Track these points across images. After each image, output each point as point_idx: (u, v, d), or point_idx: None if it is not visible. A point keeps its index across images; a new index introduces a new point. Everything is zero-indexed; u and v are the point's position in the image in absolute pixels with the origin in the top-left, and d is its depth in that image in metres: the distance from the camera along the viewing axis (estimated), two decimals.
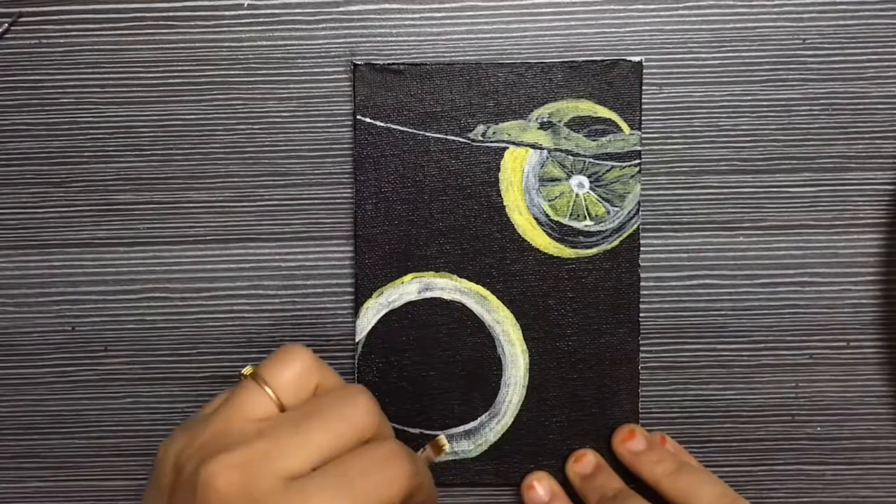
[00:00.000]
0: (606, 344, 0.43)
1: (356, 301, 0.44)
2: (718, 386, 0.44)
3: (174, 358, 0.44)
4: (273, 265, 0.44)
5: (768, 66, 0.43)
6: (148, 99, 0.43)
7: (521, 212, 0.43)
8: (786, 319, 0.44)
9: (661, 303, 0.44)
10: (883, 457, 0.44)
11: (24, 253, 0.44)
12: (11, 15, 0.43)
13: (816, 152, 0.43)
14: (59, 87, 0.43)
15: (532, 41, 0.43)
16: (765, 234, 0.44)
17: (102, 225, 0.44)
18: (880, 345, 0.44)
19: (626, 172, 0.43)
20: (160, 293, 0.44)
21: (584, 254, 0.43)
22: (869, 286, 0.44)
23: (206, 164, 0.44)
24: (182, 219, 0.44)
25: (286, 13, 0.43)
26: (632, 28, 0.43)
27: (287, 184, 0.44)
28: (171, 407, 0.45)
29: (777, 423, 0.44)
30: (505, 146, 0.43)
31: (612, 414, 0.43)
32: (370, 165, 0.43)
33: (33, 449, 0.45)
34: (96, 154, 0.44)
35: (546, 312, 0.43)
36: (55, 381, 0.45)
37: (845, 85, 0.43)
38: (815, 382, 0.44)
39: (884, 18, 0.43)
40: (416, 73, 0.43)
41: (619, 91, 0.43)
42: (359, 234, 0.43)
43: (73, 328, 0.44)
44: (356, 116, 0.43)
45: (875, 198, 0.43)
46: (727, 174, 0.43)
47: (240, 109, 0.43)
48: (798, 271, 0.44)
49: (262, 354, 0.44)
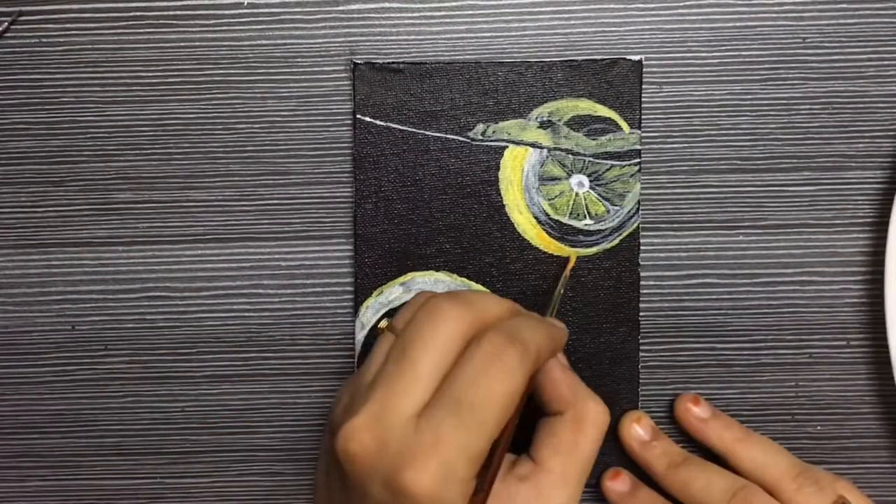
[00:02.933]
0: (606, 343, 0.43)
1: (356, 300, 0.44)
2: (718, 385, 0.44)
3: (174, 357, 0.44)
4: (273, 264, 0.44)
5: (768, 64, 0.43)
6: (148, 98, 0.43)
7: (520, 211, 0.43)
8: (786, 318, 0.44)
9: (661, 302, 0.44)
10: (883, 457, 0.44)
11: (23, 252, 0.44)
12: (11, 14, 0.43)
13: (816, 151, 0.43)
14: (59, 86, 0.43)
15: (532, 40, 0.43)
16: (765, 233, 0.44)
17: (102, 224, 0.44)
18: (880, 344, 0.44)
19: (626, 171, 0.43)
20: (160, 292, 0.44)
21: (584, 253, 0.43)
22: (869, 286, 0.44)
23: (205, 163, 0.44)
24: (182, 218, 0.44)
25: (286, 12, 0.43)
26: (632, 27, 0.43)
27: (287, 183, 0.44)
28: (171, 406, 0.45)
29: (777, 423, 0.44)
30: (505, 145, 0.43)
31: (612, 413, 0.43)
32: (370, 164, 0.43)
33: (33, 449, 0.45)
34: (96, 153, 0.44)
35: (545, 312, 0.43)
36: (55, 381, 0.45)
37: (845, 84, 0.43)
38: (815, 382, 0.44)
39: (884, 18, 0.43)
40: (415, 72, 0.43)
41: (618, 90, 0.43)
42: (358, 234, 0.43)
43: (72, 327, 0.44)
44: (356, 115, 0.43)
45: (875, 197, 0.43)
46: (727, 173, 0.43)
47: (239, 108, 0.43)
48: (798, 270, 0.44)
49: (261, 353, 0.44)
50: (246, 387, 0.44)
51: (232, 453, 0.45)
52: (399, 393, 0.32)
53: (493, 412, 0.32)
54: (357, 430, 0.32)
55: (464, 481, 0.32)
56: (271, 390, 0.44)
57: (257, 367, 0.44)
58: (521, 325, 0.34)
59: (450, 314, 0.34)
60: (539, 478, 0.35)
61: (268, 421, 0.45)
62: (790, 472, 0.40)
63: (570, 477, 0.36)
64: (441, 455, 0.31)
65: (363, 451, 0.32)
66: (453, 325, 0.34)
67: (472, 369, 0.32)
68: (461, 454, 0.32)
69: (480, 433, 0.32)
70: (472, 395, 0.32)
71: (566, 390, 0.37)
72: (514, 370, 0.33)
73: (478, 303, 0.35)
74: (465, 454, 0.32)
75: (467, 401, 0.32)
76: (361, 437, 0.32)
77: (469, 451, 0.32)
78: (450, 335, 0.33)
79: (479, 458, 0.32)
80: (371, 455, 0.32)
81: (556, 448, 0.36)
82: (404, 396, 0.32)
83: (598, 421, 0.37)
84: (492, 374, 0.32)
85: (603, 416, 0.37)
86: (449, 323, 0.34)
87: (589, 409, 0.37)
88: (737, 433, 0.42)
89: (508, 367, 0.32)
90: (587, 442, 0.36)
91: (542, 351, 0.34)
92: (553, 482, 0.35)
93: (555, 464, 0.36)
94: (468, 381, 0.32)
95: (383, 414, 0.32)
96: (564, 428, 0.36)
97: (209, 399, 0.44)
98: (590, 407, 0.37)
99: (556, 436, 0.36)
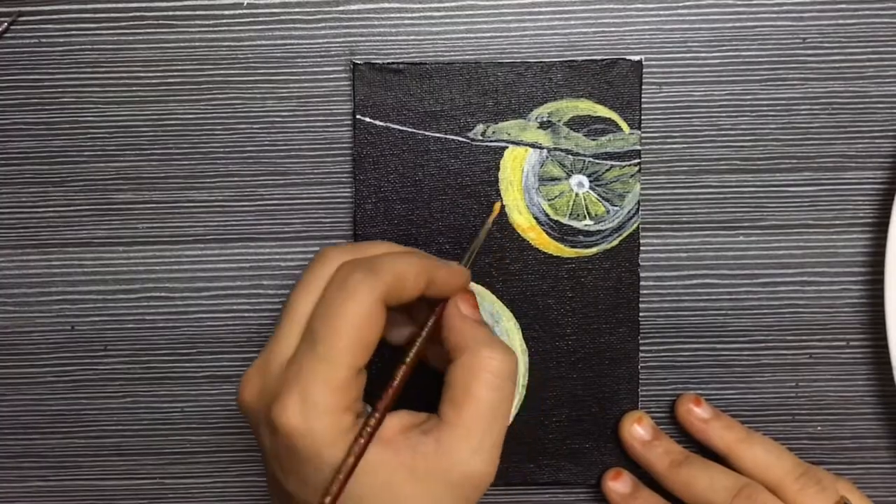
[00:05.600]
0: (606, 343, 0.43)
1: None
2: (718, 385, 0.44)
3: (174, 357, 0.44)
4: (273, 264, 0.44)
5: (768, 65, 0.43)
6: (148, 98, 0.43)
7: (520, 211, 0.43)
8: (786, 319, 0.44)
9: (661, 302, 0.44)
10: (883, 457, 0.44)
11: (23, 253, 0.44)
12: (11, 14, 0.43)
13: (816, 152, 0.43)
14: (59, 86, 0.43)
15: (532, 40, 0.43)
16: (765, 233, 0.44)
17: (102, 224, 0.44)
18: (880, 345, 0.44)
19: (626, 172, 0.43)
20: (160, 293, 0.44)
21: (584, 253, 0.43)
22: (869, 286, 0.44)
23: (205, 163, 0.44)
24: (182, 218, 0.44)
25: (286, 12, 0.43)
26: (631, 27, 0.43)
27: (287, 183, 0.44)
28: (171, 406, 0.45)
29: (777, 423, 0.44)
30: (504, 145, 0.43)
31: (611, 413, 0.43)
32: (370, 165, 0.43)
33: (33, 449, 0.45)
34: (96, 153, 0.44)
35: (545, 312, 0.43)
36: (55, 381, 0.45)
37: (845, 84, 0.43)
38: (815, 382, 0.44)
39: (884, 18, 0.43)
40: (415, 72, 0.43)
41: (618, 90, 0.43)
42: (358, 234, 0.43)
43: (72, 328, 0.44)
44: (356, 116, 0.43)
45: (875, 197, 0.43)
46: (727, 174, 0.43)
47: (239, 109, 0.43)
48: (798, 271, 0.44)
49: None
50: None
51: (232, 453, 0.45)
52: (279, 338, 0.34)
53: (343, 337, 0.32)
54: (247, 379, 0.34)
55: (330, 413, 0.32)
56: None
57: None
58: (383, 258, 0.34)
59: (328, 258, 0.34)
60: (440, 431, 0.33)
61: None
62: (793, 473, 0.40)
63: (471, 429, 0.33)
64: (300, 386, 0.32)
65: (250, 397, 0.34)
66: (327, 268, 0.34)
67: (323, 301, 0.33)
68: (319, 383, 0.32)
69: (333, 360, 0.32)
70: (322, 323, 0.32)
71: (458, 337, 0.35)
72: (356, 292, 0.32)
73: (363, 247, 0.35)
74: (323, 382, 0.32)
75: (317, 330, 0.32)
76: (250, 385, 0.34)
77: (326, 379, 0.32)
78: (321, 277, 0.34)
79: (339, 387, 0.32)
80: (255, 399, 0.33)
81: (450, 398, 0.34)
82: (282, 341, 0.34)
83: (492, 367, 0.33)
84: (338, 300, 0.32)
85: (497, 363, 0.33)
86: (324, 266, 0.34)
87: (481, 355, 0.34)
88: (738, 433, 0.42)
89: (350, 290, 0.32)
90: (482, 389, 0.33)
91: (403, 279, 0.34)
92: (452, 434, 0.33)
93: (452, 415, 0.33)
94: (318, 313, 0.33)
95: (266, 361, 0.34)
96: (457, 376, 0.34)
97: (208, 399, 0.44)
98: (482, 352, 0.34)
99: (450, 386, 0.34)
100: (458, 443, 0.33)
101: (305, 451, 0.32)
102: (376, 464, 0.32)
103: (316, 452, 0.32)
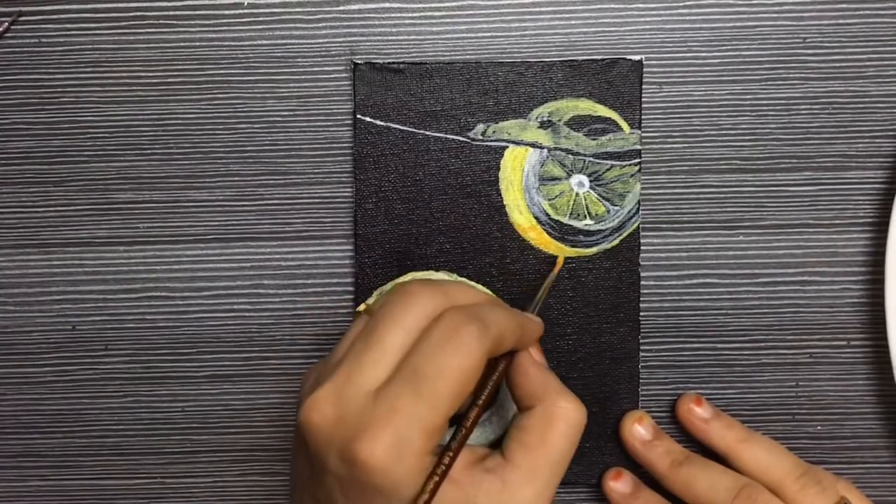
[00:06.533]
0: (606, 343, 0.43)
1: (356, 300, 0.44)
2: (718, 385, 0.44)
3: (174, 357, 0.44)
4: (273, 264, 0.44)
5: (768, 64, 0.43)
6: (148, 98, 0.43)
7: (521, 211, 0.43)
8: (786, 318, 0.44)
9: (662, 302, 0.44)
10: (883, 457, 0.44)
11: (24, 252, 0.44)
12: (11, 14, 0.43)
13: (816, 151, 0.43)
14: (59, 86, 0.43)
15: (532, 40, 0.43)
16: (765, 233, 0.44)
17: (102, 224, 0.44)
18: (880, 344, 0.44)
19: (626, 171, 0.43)
20: (160, 292, 0.44)
21: (585, 253, 0.43)
22: (869, 286, 0.44)
23: (206, 163, 0.44)
24: (182, 218, 0.44)
25: (286, 12, 0.43)
26: (632, 27, 0.43)
27: (287, 183, 0.44)
28: (171, 406, 0.45)
29: (777, 423, 0.44)
30: (505, 145, 0.43)
31: (612, 413, 0.43)
32: (370, 164, 0.43)
33: (34, 449, 0.45)
34: (96, 153, 0.44)
35: (546, 311, 0.43)
36: (55, 381, 0.45)
37: (845, 84, 0.43)
38: (815, 381, 0.44)
39: (884, 18, 0.43)
40: (415, 72, 0.43)
41: (619, 90, 0.43)
42: (359, 233, 0.43)
43: (73, 327, 0.44)
44: (356, 115, 0.43)
45: (875, 197, 0.43)
46: (727, 173, 0.43)
47: (240, 108, 0.43)
48: (798, 270, 0.44)
49: (261, 353, 0.44)
50: (246, 387, 0.44)
51: (232, 453, 0.45)
52: (363, 367, 0.33)
53: (448, 385, 0.32)
54: (319, 402, 0.33)
55: (418, 455, 0.32)
56: (271, 390, 0.44)
57: (257, 367, 0.44)
58: (485, 308, 0.35)
59: (420, 296, 0.34)
60: (505, 471, 0.34)
61: (268, 421, 0.45)
62: (793, 473, 0.40)
63: (538, 473, 0.34)
64: (395, 426, 0.32)
65: (323, 422, 0.33)
66: (422, 306, 0.34)
67: (429, 344, 0.33)
68: (415, 426, 0.32)
69: (435, 406, 0.32)
70: (428, 367, 0.32)
71: (536, 385, 0.36)
72: (469, 345, 0.33)
73: (450, 288, 0.35)
74: (420, 426, 0.32)
75: (422, 373, 0.32)
76: (323, 408, 0.33)
77: (423, 423, 0.32)
78: (417, 315, 0.34)
79: (433, 432, 0.32)
80: (330, 425, 0.33)
81: (523, 442, 0.35)
82: (367, 370, 0.33)
83: (569, 418, 0.35)
84: (448, 349, 0.32)
85: (574, 414, 0.35)
86: (419, 304, 0.34)
87: (559, 406, 0.35)
88: (739, 433, 0.42)
89: (464, 342, 0.33)
90: (556, 438, 0.35)
91: (504, 334, 0.34)
92: (519, 477, 0.34)
93: (521, 458, 0.35)
94: (425, 355, 0.33)
95: (346, 386, 0.33)
96: (533, 423, 0.35)
97: (209, 399, 0.44)
98: (560, 403, 0.35)
99: (524, 430, 0.35)
100: (523, 485, 0.34)
101: (383, 486, 0.32)
102: (442, 501, 0.33)
103: (393, 488, 0.32)
